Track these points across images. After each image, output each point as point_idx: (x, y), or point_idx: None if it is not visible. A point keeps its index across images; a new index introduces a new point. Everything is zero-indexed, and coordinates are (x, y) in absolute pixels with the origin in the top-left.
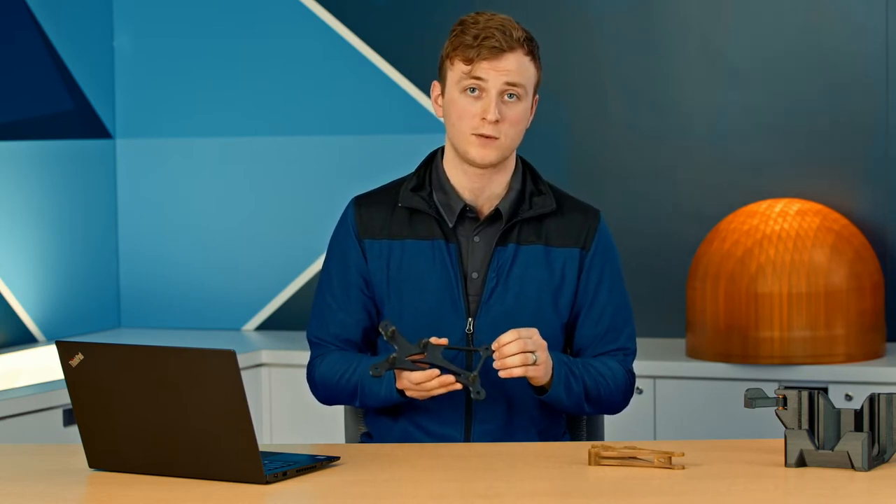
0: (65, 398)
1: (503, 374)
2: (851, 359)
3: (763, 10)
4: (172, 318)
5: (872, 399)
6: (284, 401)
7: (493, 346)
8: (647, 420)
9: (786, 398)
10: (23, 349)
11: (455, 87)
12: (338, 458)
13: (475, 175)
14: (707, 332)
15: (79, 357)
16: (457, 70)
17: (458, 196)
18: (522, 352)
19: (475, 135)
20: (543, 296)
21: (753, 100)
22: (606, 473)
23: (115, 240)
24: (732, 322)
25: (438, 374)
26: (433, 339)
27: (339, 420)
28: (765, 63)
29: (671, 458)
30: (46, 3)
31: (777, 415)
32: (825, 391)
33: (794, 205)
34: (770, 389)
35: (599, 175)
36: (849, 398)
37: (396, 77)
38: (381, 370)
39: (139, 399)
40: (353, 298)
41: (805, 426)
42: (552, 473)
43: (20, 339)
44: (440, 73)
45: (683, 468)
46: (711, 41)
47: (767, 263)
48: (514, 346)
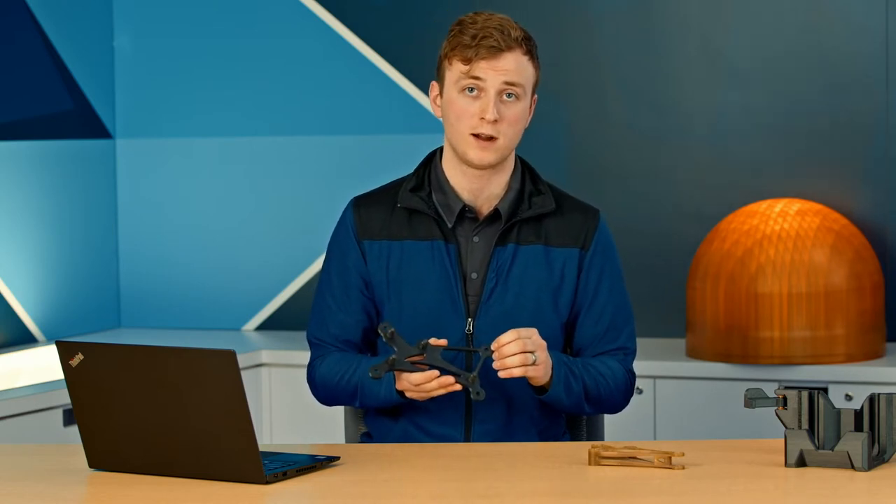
0: (65, 398)
1: (503, 375)
2: (851, 359)
3: (763, 10)
4: (172, 318)
5: (872, 399)
6: (284, 401)
7: (493, 347)
8: (647, 420)
9: (786, 398)
10: (23, 349)
11: (453, 87)
12: (338, 458)
13: (474, 175)
14: (707, 332)
15: (79, 357)
16: (455, 70)
17: (457, 196)
18: (522, 352)
19: (474, 136)
20: (543, 296)
21: (753, 100)
22: (606, 473)
23: (115, 240)
24: (732, 322)
25: (438, 376)
26: (432, 340)
27: (339, 420)
28: (765, 63)
29: (671, 458)
30: (46, 3)
31: (777, 415)
32: (825, 391)
33: (794, 205)
34: (770, 389)
35: (599, 175)
36: (849, 398)
37: (396, 77)
38: (381, 372)
39: (139, 399)
40: (353, 299)
41: (805, 426)
42: (552, 473)
43: (20, 339)
44: (438, 74)
45: (683, 468)
46: (711, 41)
47: (767, 263)
48: (514, 347)
